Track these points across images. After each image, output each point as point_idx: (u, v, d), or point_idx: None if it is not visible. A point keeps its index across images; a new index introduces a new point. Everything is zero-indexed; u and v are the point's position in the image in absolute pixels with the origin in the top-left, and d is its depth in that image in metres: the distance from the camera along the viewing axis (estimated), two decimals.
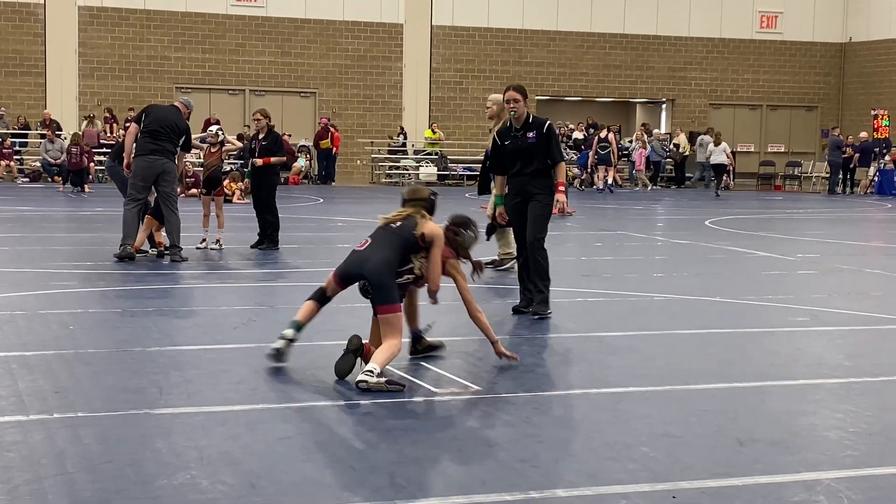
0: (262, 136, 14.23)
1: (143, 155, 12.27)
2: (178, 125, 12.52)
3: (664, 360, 7.57)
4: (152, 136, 12.30)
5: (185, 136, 12.67)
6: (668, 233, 18.71)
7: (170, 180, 12.41)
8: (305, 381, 6.67)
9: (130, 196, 12.39)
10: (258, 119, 14.40)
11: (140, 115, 12.82)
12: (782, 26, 38.32)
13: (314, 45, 34.12)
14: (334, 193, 28.03)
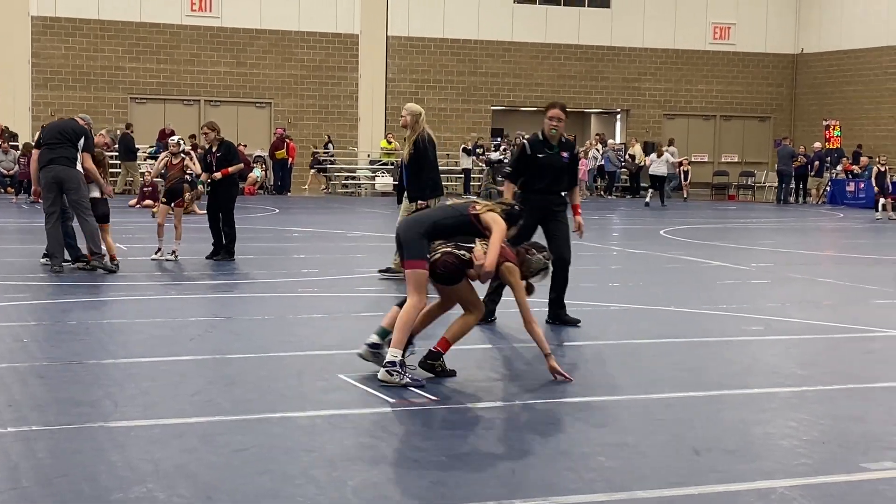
0: (214, 149, 14.13)
1: (43, 167, 12.28)
2: (73, 130, 12.44)
3: (620, 370, 7.61)
4: (49, 147, 12.32)
5: (84, 139, 12.50)
6: (624, 242, 18.83)
7: (74, 187, 12.27)
8: (262, 392, 6.63)
9: (46, 211, 12.32)
10: (206, 132, 14.28)
11: (38, 137, 12.95)
12: (735, 37, 38.72)
13: (269, 56, 34.03)
14: (290, 204, 27.95)
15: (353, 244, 16.64)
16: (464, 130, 35.62)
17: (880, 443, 5.74)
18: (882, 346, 8.87)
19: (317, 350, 8.10)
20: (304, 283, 11.96)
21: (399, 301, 7.28)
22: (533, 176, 9.24)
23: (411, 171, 11.74)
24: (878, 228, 23.53)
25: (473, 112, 36.46)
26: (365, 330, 9.32)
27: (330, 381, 6.95)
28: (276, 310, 10.05)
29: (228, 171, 13.99)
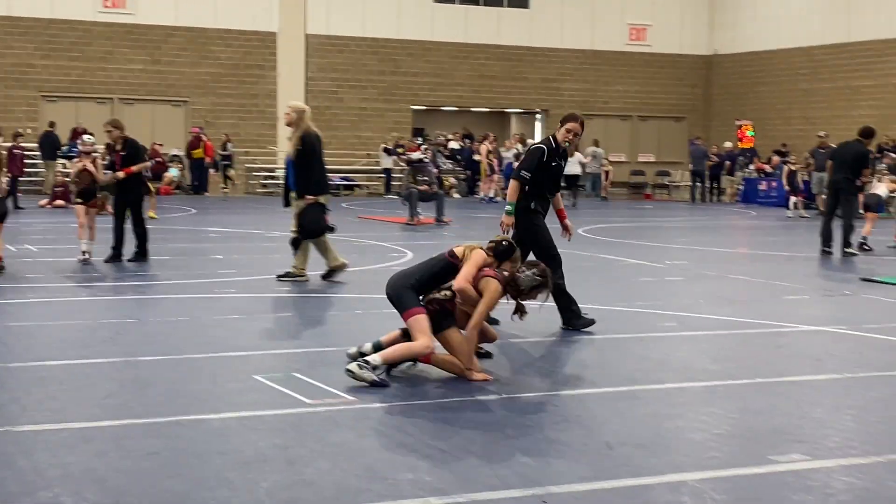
0: (119, 147, 13.86)
1: None
2: None
3: (535, 367, 7.66)
4: None
5: None
6: None
7: None
8: (175, 394, 6.55)
9: None
10: (110, 130, 13.98)
11: None
12: (651, 39, 39.21)
13: (185, 53, 33.60)
14: (207, 204, 27.65)
15: (271, 244, 16.50)
16: (384, 130, 35.56)
17: (788, 436, 5.85)
18: (791, 340, 9.05)
19: (232, 351, 8.02)
20: (221, 283, 11.84)
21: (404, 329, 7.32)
22: (541, 180, 9.19)
23: (298, 168, 11.72)
24: (790, 226, 24.00)
25: (394, 111, 36.42)
26: (281, 331, 9.28)
27: (244, 382, 6.89)
28: (191, 311, 9.93)
29: (132, 171, 13.71)
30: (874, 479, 5.07)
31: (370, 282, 12.30)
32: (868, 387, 7.15)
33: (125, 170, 13.64)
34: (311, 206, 11.78)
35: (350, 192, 34.45)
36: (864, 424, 6.18)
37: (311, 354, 7.90)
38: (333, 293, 11.30)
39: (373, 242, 17.18)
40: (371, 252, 15.74)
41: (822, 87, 35.76)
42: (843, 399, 6.81)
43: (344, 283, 12.09)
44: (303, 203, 11.74)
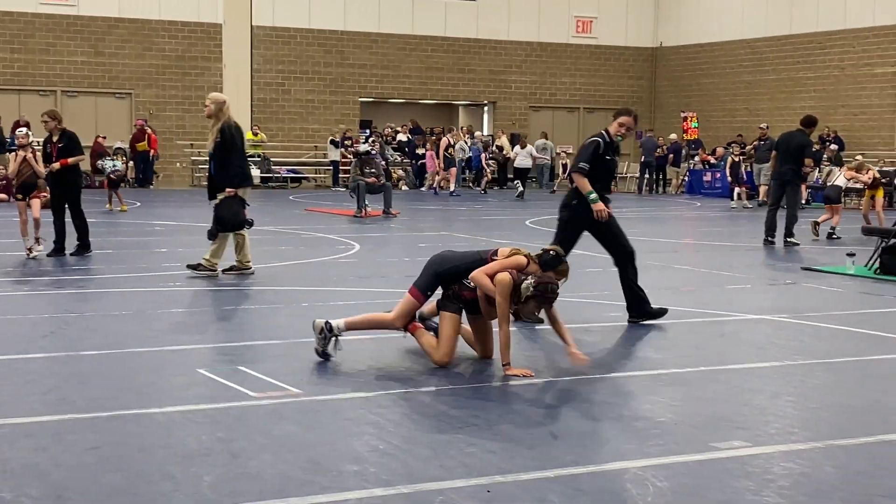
0: (55, 138, 13.67)
1: None
2: None
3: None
4: None
5: None
6: (491, 233, 18.99)
7: None
8: (117, 389, 6.49)
9: None
10: (46, 121, 13.78)
11: None
12: (597, 31, 39.40)
13: (129, 45, 33.22)
14: (153, 197, 27.39)
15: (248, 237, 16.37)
16: (331, 122, 35.42)
17: (729, 423, 5.92)
18: (733, 329, 9.16)
19: (175, 345, 7.97)
20: (165, 277, 11.75)
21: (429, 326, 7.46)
22: (596, 173, 9.24)
23: (218, 161, 11.62)
24: (733, 216, 24.26)
25: (341, 103, 36.29)
26: (226, 324, 9.23)
27: (188, 376, 6.84)
28: (135, 305, 9.83)
29: (68, 162, 13.52)
30: (813, 465, 5.15)
31: (317, 275, 12.27)
32: (808, 374, 7.26)
33: (61, 161, 13.45)
34: (229, 199, 11.63)
35: (297, 185, 34.29)
36: (804, 411, 6.27)
37: (255, 348, 7.87)
38: (280, 286, 11.25)
39: (320, 235, 17.13)
40: (319, 245, 15.70)
41: (765, 79, 36.16)
42: (783, 386, 6.91)
43: (291, 276, 12.05)
44: (223, 196, 11.62)
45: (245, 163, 11.87)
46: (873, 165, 29.45)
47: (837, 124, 33.24)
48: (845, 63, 33.77)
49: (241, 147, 11.67)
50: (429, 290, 7.32)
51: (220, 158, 11.61)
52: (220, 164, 11.64)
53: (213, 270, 11.66)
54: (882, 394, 6.77)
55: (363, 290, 11.01)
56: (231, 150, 11.53)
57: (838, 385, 7.01)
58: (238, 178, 11.64)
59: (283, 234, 17.45)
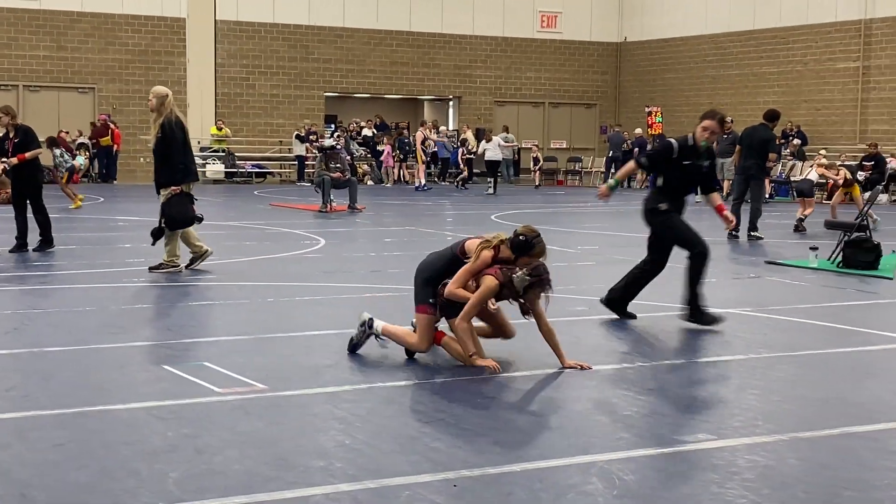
0: (11, 134, 13.53)
1: None
2: None
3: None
4: None
5: None
6: (456, 228, 19.01)
7: None
8: (81, 385, 6.44)
9: None
10: (1, 117, 13.64)
11: None
12: (562, 26, 39.50)
13: (92, 39, 32.96)
14: (116, 192, 27.19)
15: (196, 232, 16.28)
16: (296, 117, 35.32)
17: (694, 416, 5.96)
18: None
19: (140, 341, 7.92)
20: (129, 273, 11.66)
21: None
22: (671, 178, 9.03)
23: (159, 156, 11.51)
24: (697, 211, 24.35)
25: (306, 98, 36.18)
26: (191, 320, 9.18)
27: (153, 372, 6.81)
28: (98, 301, 9.76)
29: (25, 157, 13.39)
30: (777, 457, 5.19)
31: (281, 270, 12.23)
32: (772, 367, 7.31)
33: (18, 156, 13.32)
34: (176, 195, 11.52)
35: (262, 180, 34.16)
36: (768, 404, 6.32)
37: (221, 343, 7.83)
38: (245, 282, 11.21)
39: (285, 230, 17.07)
40: (284, 240, 15.64)
41: (729, 74, 36.39)
42: (747, 379, 6.96)
43: (256, 272, 12.00)
44: (168, 192, 11.51)
45: (188, 158, 11.68)
46: (835, 160, 29.78)
47: (800, 119, 33.53)
48: (808, 58, 34.06)
49: (184, 142, 11.53)
50: (431, 299, 7.22)
51: (161, 154, 11.49)
52: (161, 160, 11.53)
53: (175, 266, 11.58)
54: (845, 386, 6.84)
55: (329, 285, 10.98)
56: (171, 144, 11.40)
57: (802, 378, 7.07)
58: (181, 173, 11.50)
59: (247, 230, 17.37)
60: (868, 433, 5.65)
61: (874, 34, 32.26)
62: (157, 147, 11.49)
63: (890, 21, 31.80)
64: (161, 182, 11.57)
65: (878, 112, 32.39)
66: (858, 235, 13.17)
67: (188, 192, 11.61)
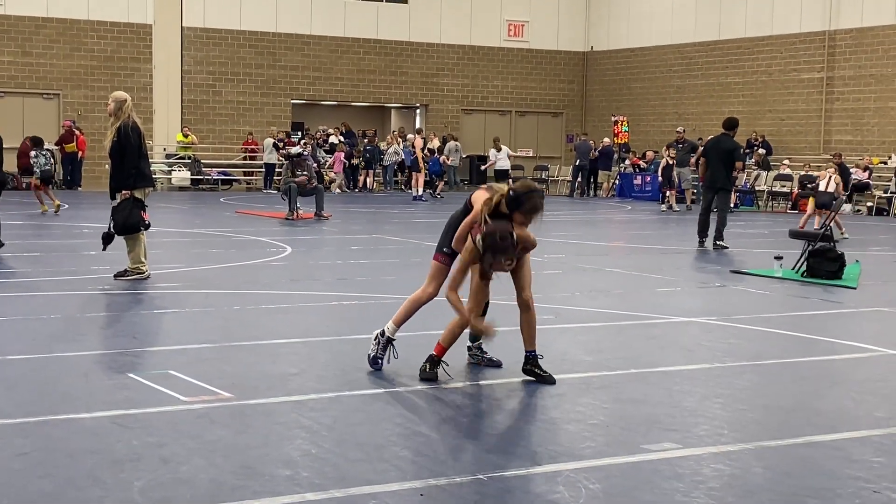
0: None
1: None
2: None
3: (416, 361, 7.67)
4: None
5: None
6: (424, 236, 19.00)
7: None
8: (45, 393, 6.39)
9: None
10: None
11: None
12: (529, 35, 39.64)
13: (57, 45, 32.72)
14: (81, 199, 26.99)
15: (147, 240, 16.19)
16: (263, 124, 35.22)
17: (660, 424, 5.99)
18: (663, 331, 9.26)
19: (105, 349, 7.86)
20: (94, 280, 11.58)
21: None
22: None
23: (114, 161, 11.49)
24: (663, 220, 24.53)
25: (273, 105, 36.09)
26: (157, 327, 9.13)
27: (118, 380, 6.76)
28: (63, 308, 9.68)
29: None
30: (742, 466, 5.23)
31: (247, 278, 12.18)
32: (737, 376, 7.36)
33: None
34: (125, 200, 11.44)
35: (228, 187, 34.02)
36: (733, 412, 6.36)
37: (187, 351, 7.79)
38: (210, 289, 11.15)
39: (251, 238, 17.01)
40: (250, 247, 15.58)
41: (695, 84, 36.65)
42: (713, 388, 7.00)
43: (222, 279, 11.95)
44: (119, 198, 11.46)
45: (143, 162, 11.61)
46: (799, 170, 30.03)
47: (765, 129, 33.81)
48: (773, 68, 34.35)
49: (139, 147, 11.47)
50: (445, 247, 7.07)
51: (117, 158, 11.45)
52: (116, 165, 11.49)
53: (140, 273, 11.49)
54: (809, 395, 6.90)
55: (295, 293, 10.95)
56: (126, 149, 11.35)
57: (766, 387, 7.13)
58: (133, 178, 11.44)
59: (213, 237, 17.30)
60: (832, 442, 5.70)
61: (838, 45, 32.60)
62: (112, 151, 11.45)
63: (853, 32, 32.15)
64: (115, 186, 11.51)
65: (841, 122, 32.72)
66: (822, 245, 13.29)
67: (141, 197, 11.52)
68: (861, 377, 7.55)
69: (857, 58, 32.19)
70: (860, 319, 10.42)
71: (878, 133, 31.77)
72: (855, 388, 7.17)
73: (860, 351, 8.47)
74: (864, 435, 5.85)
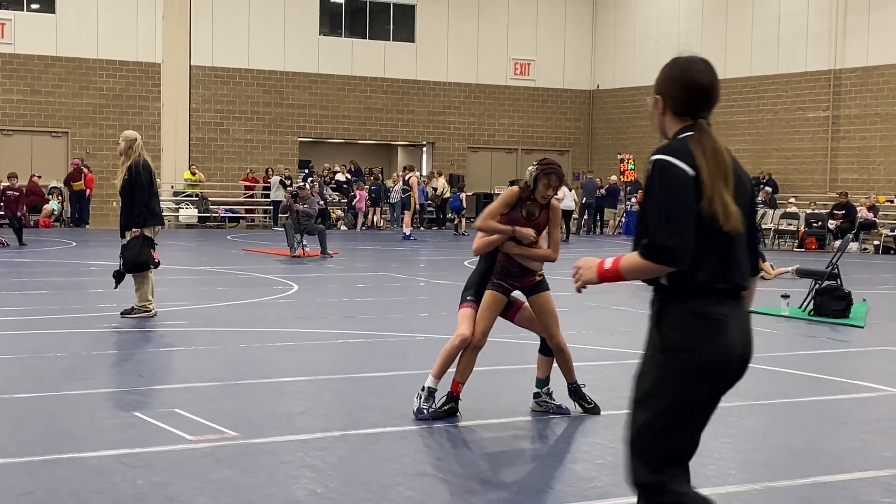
0: None
1: None
2: None
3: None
4: None
5: None
6: (430, 273, 19.02)
7: None
8: (51, 432, 6.38)
9: None
10: None
11: None
12: (535, 73, 39.82)
13: (66, 84, 32.94)
14: (88, 237, 27.06)
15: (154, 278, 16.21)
16: (270, 162, 35.33)
17: None
18: None
19: (111, 388, 7.86)
20: (101, 318, 11.59)
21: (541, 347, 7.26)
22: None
23: (125, 199, 11.57)
24: None
25: (280, 143, 36.24)
26: (163, 366, 9.13)
27: (123, 419, 6.75)
28: (69, 346, 9.68)
29: None
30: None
31: (253, 315, 12.18)
32: (744, 415, 7.33)
33: None
34: (135, 238, 11.49)
35: (235, 225, 34.10)
36: (740, 452, 6.33)
37: (193, 390, 7.78)
38: (217, 327, 11.15)
39: (258, 275, 17.02)
40: (256, 285, 15.59)
41: None
42: (719, 428, 6.96)
43: (229, 317, 11.95)
44: (129, 236, 11.52)
45: (153, 201, 11.67)
46: (805, 208, 30.02)
47: (771, 167, 33.85)
48: (778, 107, 34.45)
49: (150, 185, 11.55)
50: (469, 297, 7.06)
51: (127, 197, 11.53)
52: (126, 203, 11.57)
53: (147, 311, 11.50)
54: (816, 435, 6.86)
55: (301, 330, 10.95)
56: (136, 187, 11.43)
57: (774, 426, 7.09)
58: (143, 216, 11.50)
59: (220, 275, 17.32)
60: (840, 482, 5.67)
61: (843, 84, 32.70)
62: (123, 189, 11.54)
63: (859, 71, 32.25)
64: (125, 224, 11.58)
65: (847, 161, 32.75)
66: (829, 284, 13.26)
67: (150, 236, 11.57)
68: (869, 417, 7.51)
69: (863, 97, 32.28)
70: (868, 358, 10.38)
71: (884, 171, 31.79)
72: (863, 428, 7.14)
73: (868, 391, 8.44)
74: (873, 476, 5.81)
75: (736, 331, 3.61)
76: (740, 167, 3.67)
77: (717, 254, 3.52)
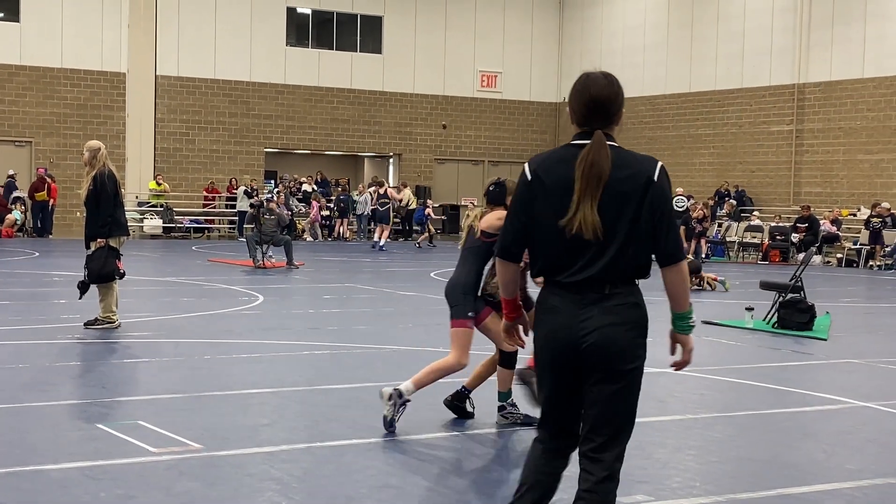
0: None
1: None
2: None
3: (424, 409, 7.63)
4: None
5: None
6: (396, 285, 18.99)
7: None
8: (13, 444, 6.30)
9: None
10: None
11: None
12: (502, 86, 39.94)
13: (30, 93, 32.68)
14: (52, 247, 26.83)
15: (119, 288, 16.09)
16: (236, 172, 35.20)
17: (631, 477, 5.96)
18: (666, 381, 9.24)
19: (74, 399, 7.78)
20: (63, 329, 11.49)
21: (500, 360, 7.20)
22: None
23: (90, 209, 11.51)
24: None
25: (246, 154, 36.11)
26: (127, 377, 9.05)
27: (87, 431, 6.69)
28: (31, 358, 9.58)
29: None
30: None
31: (218, 327, 12.12)
32: (708, 427, 7.37)
33: None
34: (100, 249, 11.42)
35: (200, 235, 33.93)
36: (705, 464, 6.36)
37: (157, 402, 7.72)
38: (181, 338, 11.08)
39: (223, 286, 16.94)
40: (221, 296, 15.51)
41: (666, 136, 36.97)
42: (685, 440, 7.00)
43: (193, 328, 11.88)
44: (94, 246, 11.44)
45: (118, 211, 11.60)
46: (769, 221, 30.27)
47: (736, 180, 34.11)
48: (743, 121, 34.73)
49: (114, 195, 11.47)
50: (470, 312, 6.93)
51: (92, 207, 11.46)
52: (91, 213, 11.50)
53: (111, 322, 11.42)
54: (781, 447, 6.90)
55: (266, 342, 10.90)
56: (101, 197, 11.37)
57: (738, 438, 7.13)
58: (108, 227, 11.43)
59: (184, 286, 17.21)
60: (804, 494, 5.70)
61: (807, 98, 33.02)
62: (88, 200, 11.46)
63: (822, 86, 32.58)
64: (90, 235, 11.49)
65: (811, 174, 33.06)
66: (793, 296, 13.37)
67: (116, 246, 11.49)
68: (832, 429, 7.57)
69: (826, 111, 32.60)
70: (831, 371, 10.47)
71: (846, 185, 32.10)
72: (826, 440, 7.19)
73: (831, 403, 8.50)
74: (836, 487, 5.86)
75: (563, 318, 4.05)
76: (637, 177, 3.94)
77: (559, 251, 3.97)
